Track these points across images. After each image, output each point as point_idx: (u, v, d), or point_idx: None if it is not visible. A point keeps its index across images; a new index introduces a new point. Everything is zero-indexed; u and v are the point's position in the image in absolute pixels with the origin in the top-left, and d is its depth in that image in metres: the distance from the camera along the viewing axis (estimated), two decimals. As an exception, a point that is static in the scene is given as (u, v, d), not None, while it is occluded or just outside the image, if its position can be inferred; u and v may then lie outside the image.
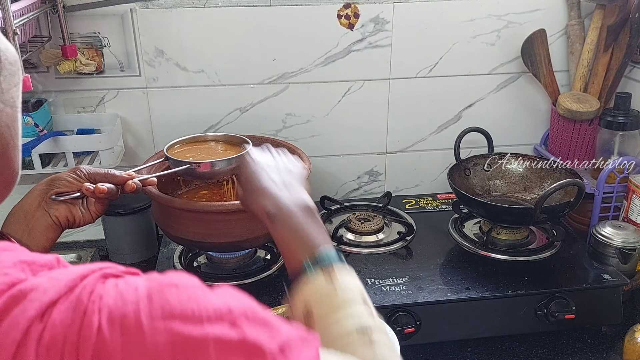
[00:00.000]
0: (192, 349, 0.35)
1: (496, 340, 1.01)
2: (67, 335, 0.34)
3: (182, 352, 0.35)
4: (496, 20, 1.28)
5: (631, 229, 1.09)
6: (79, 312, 0.35)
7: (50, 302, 0.35)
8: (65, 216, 0.78)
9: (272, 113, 1.29)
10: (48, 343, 0.34)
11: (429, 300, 0.97)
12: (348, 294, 0.56)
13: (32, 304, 0.35)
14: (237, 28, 1.22)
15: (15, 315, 0.34)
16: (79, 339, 0.34)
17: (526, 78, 1.34)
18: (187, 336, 0.35)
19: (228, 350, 0.36)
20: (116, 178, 0.81)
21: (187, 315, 0.36)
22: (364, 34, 1.25)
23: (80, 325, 0.35)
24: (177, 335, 0.35)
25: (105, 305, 0.36)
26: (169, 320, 0.35)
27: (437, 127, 1.37)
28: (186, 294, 0.37)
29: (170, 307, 0.36)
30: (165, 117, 1.26)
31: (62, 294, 0.36)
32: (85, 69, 1.17)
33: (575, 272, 1.05)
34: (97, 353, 0.34)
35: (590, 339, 1.02)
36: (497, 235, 1.14)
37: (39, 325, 0.34)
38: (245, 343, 0.37)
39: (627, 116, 1.19)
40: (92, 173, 0.80)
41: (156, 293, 0.37)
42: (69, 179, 0.78)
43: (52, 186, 0.77)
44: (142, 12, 1.18)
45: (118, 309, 0.36)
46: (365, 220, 1.20)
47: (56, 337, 0.34)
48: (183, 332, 0.35)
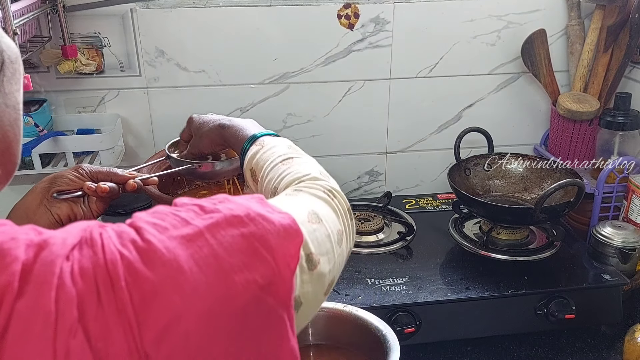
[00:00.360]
0: (195, 242, 0.43)
1: (496, 340, 1.01)
2: (95, 264, 0.40)
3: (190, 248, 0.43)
4: (496, 20, 1.28)
5: (631, 228, 1.09)
6: (98, 246, 0.41)
7: (71, 245, 0.41)
8: (66, 214, 0.78)
9: (273, 113, 1.29)
10: (80, 272, 0.39)
11: (429, 300, 0.97)
12: (275, 145, 0.72)
13: (56, 248, 0.40)
14: (237, 28, 1.22)
15: (45, 256, 0.39)
16: (106, 263, 0.40)
17: (526, 78, 1.34)
18: (185, 235, 0.43)
19: (219, 229, 0.45)
20: (118, 177, 0.82)
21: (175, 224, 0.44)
22: (364, 34, 1.25)
23: (104, 254, 0.40)
24: (179, 238, 0.43)
25: (115, 240, 0.42)
26: (165, 232, 0.43)
27: (438, 127, 1.37)
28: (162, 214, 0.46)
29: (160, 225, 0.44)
30: (165, 117, 1.26)
31: (77, 239, 0.42)
32: (85, 69, 1.17)
33: (575, 272, 1.05)
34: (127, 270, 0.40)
35: (590, 339, 1.02)
36: (497, 235, 1.14)
37: (67, 263, 0.39)
38: (227, 218, 0.46)
39: (626, 116, 1.19)
40: (95, 171, 0.81)
41: (142, 223, 0.44)
42: (71, 177, 0.79)
43: (54, 184, 0.78)
44: (143, 12, 1.18)
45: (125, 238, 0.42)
46: (365, 220, 1.20)
47: (85, 266, 0.39)
48: (181, 234, 0.43)
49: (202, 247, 0.43)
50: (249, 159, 0.73)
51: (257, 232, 0.46)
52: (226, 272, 0.43)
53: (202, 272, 0.42)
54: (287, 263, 0.48)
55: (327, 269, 0.55)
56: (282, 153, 0.70)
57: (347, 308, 0.86)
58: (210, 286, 0.42)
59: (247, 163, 0.74)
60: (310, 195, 0.61)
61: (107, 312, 0.38)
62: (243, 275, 0.44)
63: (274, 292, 0.45)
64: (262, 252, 0.46)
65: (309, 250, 0.53)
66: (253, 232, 0.46)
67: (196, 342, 0.40)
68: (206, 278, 0.42)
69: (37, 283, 0.38)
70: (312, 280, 0.53)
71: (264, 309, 0.45)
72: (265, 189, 0.69)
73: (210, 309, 0.41)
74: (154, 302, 0.39)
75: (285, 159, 0.69)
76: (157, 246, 0.42)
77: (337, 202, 0.63)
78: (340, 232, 0.60)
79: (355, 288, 1.00)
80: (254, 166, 0.72)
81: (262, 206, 0.50)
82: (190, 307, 0.40)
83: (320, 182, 0.64)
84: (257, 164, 0.71)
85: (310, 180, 0.64)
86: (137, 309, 0.39)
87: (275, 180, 0.67)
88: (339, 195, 0.64)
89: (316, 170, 0.66)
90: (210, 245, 0.44)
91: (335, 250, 0.58)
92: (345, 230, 0.63)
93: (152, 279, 0.40)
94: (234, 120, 0.83)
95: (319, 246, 0.55)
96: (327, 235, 0.57)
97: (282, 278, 0.46)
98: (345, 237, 0.62)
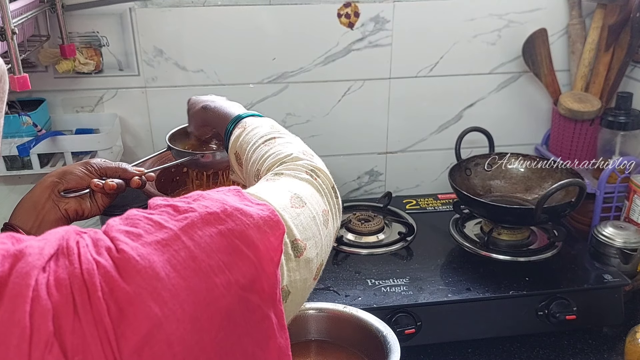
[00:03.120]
0: (171, 246, 0.42)
1: (497, 341, 1.01)
2: (71, 274, 0.39)
3: (166, 253, 0.41)
4: (497, 19, 1.28)
5: (632, 229, 1.09)
6: (74, 255, 0.40)
7: (49, 255, 0.40)
8: (74, 209, 0.78)
9: (272, 113, 1.28)
10: (55, 284, 0.38)
11: (430, 301, 0.96)
12: (257, 126, 0.71)
13: (32, 258, 0.39)
14: (236, 27, 1.21)
15: (20, 267, 0.38)
16: (82, 273, 0.39)
17: (527, 78, 1.34)
18: (160, 240, 0.42)
19: (194, 229, 0.43)
20: (127, 172, 0.82)
21: (148, 229, 0.43)
22: (364, 33, 1.25)
23: (80, 264, 0.39)
24: (154, 244, 0.42)
25: (91, 248, 0.41)
26: (139, 239, 0.42)
27: (438, 127, 1.36)
28: (134, 220, 0.44)
29: (133, 233, 0.43)
30: (164, 117, 1.26)
31: (54, 248, 0.41)
32: (83, 68, 1.16)
33: (577, 273, 1.05)
34: (104, 279, 0.39)
35: (591, 340, 1.01)
36: (498, 235, 1.14)
37: (43, 274, 0.38)
38: (202, 216, 0.44)
39: (628, 116, 1.19)
40: (103, 167, 0.81)
41: (115, 232, 0.43)
42: (80, 174, 0.79)
43: (62, 180, 0.78)
44: (141, 12, 1.17)
45: (101, 246, 0.41)
46: (365, 221, 1.20)
47: (61, 277, 0.38)
48: (155, 239, 0.42)
49: (178, 251, 0.42)
50: (232, 142, 0.73)
51: (235, 229, 0.45)
52: (206, 274, 0.42)
53: (181, 276, 0.41)
54: (271, 257, 0.46)
55: (314, 253, 0.54)
56: (265, 133, 0.69)
57: (347, 309, 0.85)
58: (190, 290, 0.41)
59: (232, 146, 0.73)
60: (292, 178, 0.60)
61: (84, 324, 0.37)
62: (224, 277, 0.42)
63: (258, 290, 0.44)
64: (242, 249, 0.44)
65: (293, 236, 0.51)
66: (231, 228, 0.45)
67: (180, 348, 0.39)
68: (185, 282, 0.41)
69: (11, 296, 0.37)
70: (300, 267, 0.52)
71: (248, 309, 0.44)
72: (249, 172, 0.68)
73: (193, 314, 0.40)
74: (131, 312, 0.38)
75: (267, 140, 0.68)
76: (131, 254, 0.40)
77: (321, 180, 0.61)
78: (326, 212, 0.59)
79: (355, 289, 0.99)
80: (237, 149, 0.71)
81: (239, 199, 0.48)
82: (170, 314, 0.39)
83: (302, 162, 0.62)
84: (241, 147, 0.70)
85: (292, 161, 0.63)
86: (115, 320, 0.38)
87: (258, 163, 0.66)
88: (322, 173, 0.63)
89: (298, 149, 0.65)
90: (187, 248, 0.42)
91: (322, 232, 0.57)
92: (331, 209, 0.61)
93: (128, 289, 0.39)
94: (218, 102, 0.82)
95: (304, 231, 0.53)
96: (312, 217, 0.55)
97: (266, 273, 0.45)
98: (331, 217, 0.60)
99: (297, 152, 0.64)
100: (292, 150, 0.65)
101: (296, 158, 0.63)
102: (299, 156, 0.63)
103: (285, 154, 0.64)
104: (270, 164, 0.64)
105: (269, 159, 0.64)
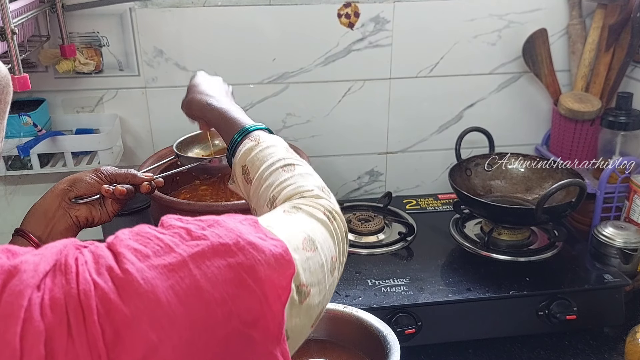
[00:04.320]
0: (177, 273, 0.41)
1: (497, 342, 1.01)
2: (67, 294, 0.38)
3: (171, 279, 0.40)
4: (497, 19, 1.28)
5: (633, 229, 1.09)
6: (72, 274, 0.39)
7: (44, 272, 0.39)
8: (85, 217, 0.79)
9: (272, 113, 1.29)
10: (50, 304, 0.37)
11: (430, 301, 0.96)
12: (272, 145, 0.69)
13: (27, 275, 0.38)
14: (236, 27, 1.21)
15: (13, 285, 0.37)
16: (79, 294, 0.38)
17: (527, 78, 1.34)
18: (167, 265, 0.41)
19: (204, 259, 0.42)
20: (137, 179, 0.83)
21: (157, 251, 0.42)
22: (365, 33, 1.25)
23: (77, 284, 0.38)
24: (160, 268, 0.41)
25: (91, 266, 0.40)
26: (146, 260, 0.41)
27: (438, 127, 1.36)
28: (145, 238, 0.43)
29: (140, 252, 0.42)
30: (164, 117, 1.26)
31: (51, 265, 0.40)
32: (84, 68, 1.16)
33: (577, 273, 1.05)
34: (101, 302, 0.38)
35: (592, 340, 1.01)
36: (499, 235, 1.14)
37: (38, 293, 0.37)
38: (214, 246, 0.44)
39: (628, 116, 1.19)
40: (113, 174, 0.81)
41: (122, 248, 0.42)
42: (90, 181, 0.79)
43: (73, 188, 0.78)
44: (141, 12, 1.17)
45: (102, 264, 0.40)
46: (365, 221, 1.20)
47: (56, 297, 0.37)
48: (162, 263, 0.41)
49: (184, 278, 0.41)
50: (242, 154, 0.70)
51: (245, 263, 0.44)
52: (208, 303, 0.41)
53: (182, 303, 0.40)
54: (278, 295, 0.45)
55: (317, 300, 0.53)
56: (282, 157, 0.67)
57: (347, 309, 0.85)
58: (189, 318, 0.40)
59: (240, 158, 0.71)
60: (309, 216, 0.58)
61: (77, 347, 0.36)
62: (226, 307, 0.42)
63: (262, 327, 0.43)
64: (249, 283, 0.43)
65: (299, 281, 0.50)
66: (241, 262, 0.44)
67: None
68: (185, 309, 0.40)
69: (2, 316, 0.36)
70: (301, 313, 0.51)
71: (248, 344, 0.43)
72: (261, 195, 0.66)
73: (189, 340, 0.39)
74: (128, 336, 0.37)
75: (285, 165, 0.66)
76: (135, 276, 0.39)
77: (337, 225, 0.60)
78: (335, 259, 0.58)
79: (356, 289, 0.99)
80: (248, 163, 0.70)
81: (254, 231, 0.48)
82: (167, 340, 0.38)
83: (321, 202, 0.61)
84: (253, 163, 0.69)
85: (312, 198, 0.61)
86: (109, 345, 0.37)
87: (275, 189, 0.64)
88: (339, 217, 0.61)
89: (318, 185, 0.64)
90: (193, 276, 0.41)
91: (327, 280, 0.55)
92: (339, 257, 0.60)
93: (126, 312, 0.38)
94: (222, 101, 0.81)
95: (310, 276, 0.52)
96: (320, 264, 0.54)
97: (272, 312, 0.44)
98: (338, 265, 0.59)
99: (318, 189, 0.63)
100: (313, 186, 0.63)
101: (317, 196, 0.62)
102: (319, 194, 0.62)
103: (306, 188, 0.63)
104: (289, 194, 0.62)
105: (287, 189, 0.63)
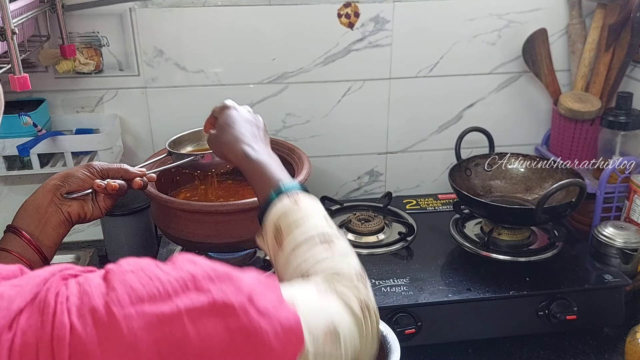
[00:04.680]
0: (168, 326, 0.37)
1: (497, 342, 1.01)
2: (40, 339, 0.35)
3: (160, 331, 0.36)
4: (497, 19, 1.28)
5: (633, 229, 1.09)
6: (48, 314, 0.35)
7: (17, 310, 0.36)
8: (77, 212, 0.78)
9: (272, 113, 1.29)
10: (20, 349, 0.34)
11: (430, 301, 0.96)
12: (310, 210, 0.64)
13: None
14: (236, 28, 1.21)
15: None
16: (52, 339, 0.34)
17: (527, 78, 1.34)
18: (160, 315, 0.37)
19: (201, 316, 0.38)
20: (129, 173, 0.82)
21: (154, 294, 0.38)
22: (364, 33, 1.25)
23: (52, 327, 0.35)
24: (151, 316, 0.36)
25: (73, 304, 0.36)
26: (138, 304, 0.37)
27: (438, 127, 1.36)
28: (146, 275, 0.39)
29: (136, 292, 0.37)
30: (164, 117, 1.25)
31: (28, 300, 0.36)
32: (84, 68, 1.16)
33: (577, 273, 1.04)
34: (74, 351, 0.35)
35: (592, 340, 1.01)
36: (499, 235, 1.14)
37: (8, 334, 0.34)
38: (216, 304, 0.39)
39: (628, 116, 1.19)
40: (105, 169, 0.81)
41: (118, 283, 0.38)
42: (82, 176, 0.79)
43: (65, 184, 0.78)
44: (141, 12, 1.17)
45: (86, 304, 0.36)
46: (365, 221, 1.19)
47: (27, 341, 0.34)
48: (155, 312, 0.37)
49: (173, 333, 0.37)
50: (279, 216, 0.64)
51: (246, 327, 0.40)
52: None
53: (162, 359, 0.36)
54: None
55: None
56: (322, 230, 0.62)
57: (347, 309, 0.85)
58: None
59: (274, 217, 0.64)
60: (343, 305, 0.53)
61: None
62: None
63: None
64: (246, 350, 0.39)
65: None
66: (241, 326, 0.40)
67: None
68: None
69: None
70: None
71: None
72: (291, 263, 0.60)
73: None
74: None
75: (324, 240, 0.61)
76: (120, 323, 0.36)
77: (370, 322, 0.54)
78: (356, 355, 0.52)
79: (356, 289, 0.99)
80: (282, 225, 0.63)
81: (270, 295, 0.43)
82: None
83: (360, 292, 0.56)
84: (289, 227, 0.62)
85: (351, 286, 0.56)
86: None
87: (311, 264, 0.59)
88: (374, 313, 0.56)
89: (357, 269, 0.59)
90: (184, 332, 0.37)
91: None
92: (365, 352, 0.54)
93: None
94: (260, 151, 0.73)
95: None
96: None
97: None
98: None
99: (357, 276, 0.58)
100: (351, 270, 0.58)
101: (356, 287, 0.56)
102: (358, 285, 0.57)
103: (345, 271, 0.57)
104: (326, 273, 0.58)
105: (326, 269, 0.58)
